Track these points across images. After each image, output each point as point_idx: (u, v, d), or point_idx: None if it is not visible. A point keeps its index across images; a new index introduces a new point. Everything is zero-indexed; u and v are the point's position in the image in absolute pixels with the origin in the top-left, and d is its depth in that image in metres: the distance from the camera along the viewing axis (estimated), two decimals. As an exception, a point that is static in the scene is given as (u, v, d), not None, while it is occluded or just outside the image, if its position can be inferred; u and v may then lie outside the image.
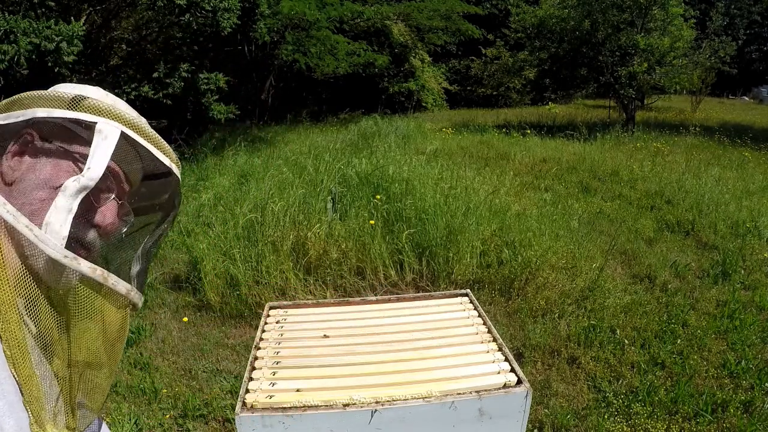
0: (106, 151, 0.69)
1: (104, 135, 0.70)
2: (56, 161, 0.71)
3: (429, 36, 18.30)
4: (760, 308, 3.95)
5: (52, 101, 0.70)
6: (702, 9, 21.42)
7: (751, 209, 5.93)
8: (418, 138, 10.64)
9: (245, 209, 4.57)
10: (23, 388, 0.62)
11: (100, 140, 0.69)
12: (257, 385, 1.38)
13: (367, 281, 4.11)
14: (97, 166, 0.68)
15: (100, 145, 0.69)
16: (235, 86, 14.08)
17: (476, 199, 4.96)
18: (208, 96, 10.40)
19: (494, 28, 21.25)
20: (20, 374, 0.62)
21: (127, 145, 0.73)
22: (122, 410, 2.84)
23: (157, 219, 0.85)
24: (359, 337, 1.65)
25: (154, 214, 0.85)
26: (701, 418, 2.72)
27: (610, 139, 11.24)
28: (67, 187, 0.67)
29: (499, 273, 4.17)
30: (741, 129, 13.39)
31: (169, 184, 0.83)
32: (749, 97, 26.40)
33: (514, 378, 1.41)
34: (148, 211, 0.85)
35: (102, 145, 0.69)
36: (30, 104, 0.70)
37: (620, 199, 6.72)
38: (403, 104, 19.29)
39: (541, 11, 14.11)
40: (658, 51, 12.38)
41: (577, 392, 3.00)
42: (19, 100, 0.71)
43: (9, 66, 6.06)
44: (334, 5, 13.75)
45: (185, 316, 3.88)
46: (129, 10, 10.00)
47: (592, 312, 3.79)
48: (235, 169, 7.50)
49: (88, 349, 0.71)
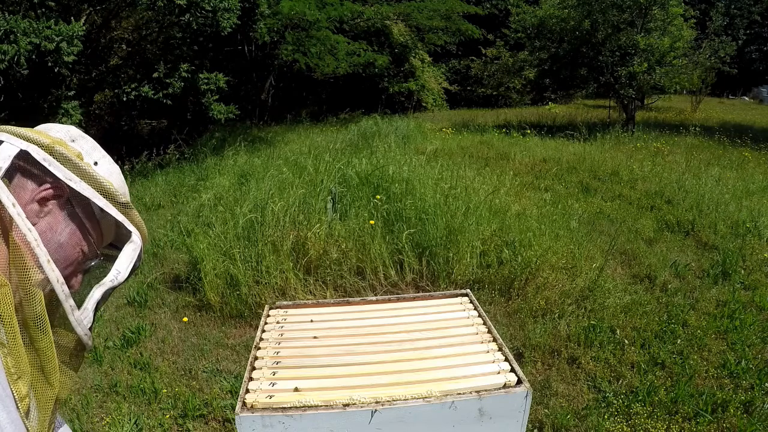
0: (134, 259, 0.84)
1: (135, 246, 0.84)
2: (73, 230, 0.80)
3: (429, 36, 18.30)
4: (760, 308, 3.95)
5: (108, 194, 0.80)
6: (702, 9, 21.42)
7: (751, 209, 5.92)
8: (418, 138, 10.64)
9: (245, 209, 4.56)
10: (8, 339, 0.68)
11: (131, 250, 0.84)
12: (257, 385, 1.38)
13: (367, 281, 4.11)
14: (125, 273, 0.83)
15: (131, 255, 0.83)
16: (235, 86, 14.09)
17: (476, 199, 4.96)
18: (208, 96, 10.40)
19: (494, 28, 21.25)
20: (6, 327, 0.67)
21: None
22: (122, 410, 2.84)
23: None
24: (359, 337, 1.65)
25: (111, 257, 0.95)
26: (701, 418, 2.72)
27: (610, 139, 11.24)
28: (104, 284, 0.81)
29: (499, 273, 4.17)
30: (741, 129, 13.39)
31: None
32: (749, 97, 26.38)
33: (514, 378, 1.41)
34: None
35: (131, 255, 0.83)
36: (83, 178, 0.78)
37: (620, 199, 6.72)
38: (403, 104, 19.30)
39: (541, 11, 14.11)
40: (658, 51, 12.38)
41: (577, 392, 3.00)
42: (72, 163, 0.78)
43: (9, 66, 6.06)
44: (334, 5, 13.75)
45: (185, 316, 3.88)
46: (129, 10, 10.00)
47: (592, 312, 3.79)
48: (235, 169, 7.50)
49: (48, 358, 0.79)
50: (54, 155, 0.76)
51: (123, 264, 0.83)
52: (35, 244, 0.72)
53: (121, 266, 0.82)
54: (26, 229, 0.72)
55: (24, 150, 0.74)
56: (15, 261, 0.71)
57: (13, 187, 0.74)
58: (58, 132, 0.82)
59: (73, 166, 0.77)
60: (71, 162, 0.77)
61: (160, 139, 11.73)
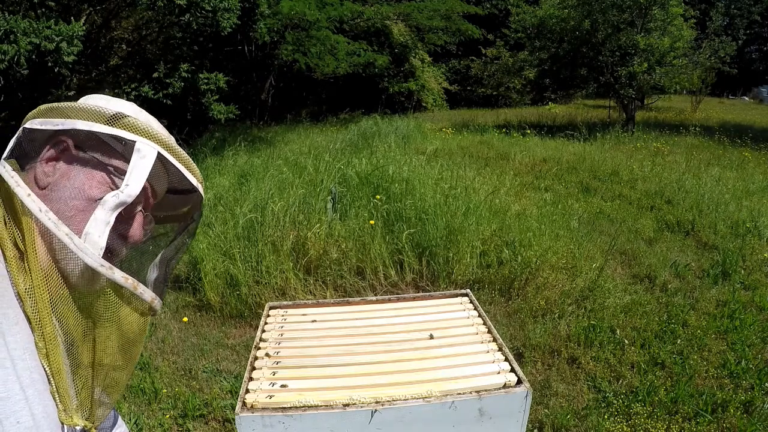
0: (144, 170, 0.74)
1: (142, 155, 0.75)
2: (90, 171, 0.74)
3: (429, 36, 18.29)
4: (760, 308, 3.95)
5: (92, 115, 0.73)
6: (702, 9, 21.43)
7: (751, 209, 5.92)
8: (418, 138, 10.64)
9: (245, 209, 4.56)
10: (54, 379, 0.65)
11: (138, 159, 0.74)
12: (257, 385, 1.38)
13: (367, 281, 4.11)
14: (135, 184, 0.73)
15: (138, 165, 0.74)
16: (235, 86, 14.08)
17: (476, 199, 4.96)
18: (208, 96, 10.40)
19: (494, 28, 21.25)
20: (52, 365, 0.65)
21: (159, 163, 0.78)
22: (122, 410, 2.84)
23: (175, 229, 0.91)
24: (359, 337, 1.65)
25: (173, 225, 0.91)
26: (701, 418, 2.72)
27: (610, 139, 11.24)
28: (107, 201, 0.72)
29: (499, 273, 4.17)
30: (741, 129, 13.38)
31: (191, 199, 0.90)
32: (749, 97, 26.37)
33: (514, 378, 1.41)
34: (168, 221, 0.92)
35: (140, 164, 0.74)
36: (70, 114, 0.73)
37: (620, 199, 6.72)
38: (403, 104, 19.29)
39: (541, 11, 14.10)
40: (658, 51, 12.38)
41: (577, 392, 3.00)
42: (59, 108, 0.74)
43: (9, 66, 6.06)
44: (334, 5, 13.74)
45: (185, 316, 3.89)
46: (129, 10, 10.01)
47: (592, 312, 3.79)
48: (235, 169, 7.50)
49: (111, 351, 0.76)
50: (41, 115, 0.75)
51: (131, 176, 0.73)
52: (23, 194, 0.68)
53: (131, 178, 0.73)
54: (24, 195, 0.69)
55: (26, 127, 0.74)
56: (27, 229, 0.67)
57: (28, 168, 0.74)
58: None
59: (59, 112, 0.73)
60: (57, 110, 0.74)
61: (160, 139, 11.69)
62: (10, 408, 0.58)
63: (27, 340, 0.63)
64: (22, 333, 0.63)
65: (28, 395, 0.60)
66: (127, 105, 0.81)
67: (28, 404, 0.60)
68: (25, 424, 0.59)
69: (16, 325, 0.63)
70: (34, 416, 0.60)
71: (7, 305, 0.63)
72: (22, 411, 0.59)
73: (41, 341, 0.65)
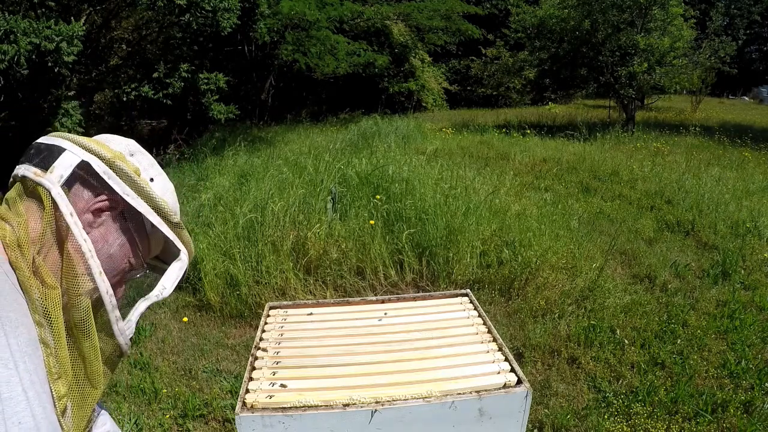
0: (179, 277, 0.86)
1: (182, 264, 0.86)
2: (124, 242, 0.83)
3: (429, 36, 18.28)
4: (760, 308, 3.95)
5: (161, 211, 0.83)
6: (702, 9, 21.41)
7: (751, 209, 5.92)
8: (418, 138, 10.63)
9: (245, 209, 4.56)
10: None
11: (177, 268, 0.86)
12: (257, 385, 1.38)
13: (367, 281, 4.11)
14: (170, 289, 0.86)
15: (177, 273, 0.86)
16: (235, 86, 14.08)
17: (476, 199, 4.96)
18: (208, 96, 10.41)
19: (494, 28, 21.24)
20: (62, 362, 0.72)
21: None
22: (122, 410, 2.84)
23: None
24: (359, 337, 1.65)
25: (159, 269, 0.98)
26: (701, 418, 2.72)
27: (610, 139, 11.24)
28: (149, 298, 0.83)
29: (499, 273, 4.17)
30: (741, 129, 13.38)
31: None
32: (749, 97, 26.36)
33: (514, 378, 1.41)
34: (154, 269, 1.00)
35: (178, 274, 0.86)
36: (140, 194, 0.81)
37: (620, 199, 6.72)
38: (403, 104, 19.28)
39: (541, 11, 14.10)
40: (658, 51, 12.37)
41: (577, 392, 3.00)
42: (135, 183, 0.80)
43: (9, 66, 6.06)
44: (334, 5, 13.74)
45: (185, 316, 3.88)
46: (129, 10, 10.01)
47: (592, 312, 3.79)
48: (235, 169, 7.49)
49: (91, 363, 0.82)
50: (113, 169, 0.78)
51: (169, 281, 0.85)
52: (89, 255, 0.75)
53: (167, 282, 0.85)
54: (82, 240, 0.75)
55: (85, 161, 0.77)
56: (67, 268, 0.74)
57: (71, 195, 0.76)
58: (118, 145, 0.84)
59: (130, 181, 0.80)
60: (129, 177, 0.79)
61: (160, 139, 11.74)
62: (13, 409, 0.59)
63: (27, 343, 0.65)
64: (24, 335, 0.64)
65: (29, 396, 0.61)
66: (170, 198, 0.88)
67: (29, 405, 0.61)
68: (27, 425, 0.59)
69: (18, 327, 0.64)
70: (35, 417, 0.60)
71: (9, 307, 0.65)
72: (24, 412, 0.59)
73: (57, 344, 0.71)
